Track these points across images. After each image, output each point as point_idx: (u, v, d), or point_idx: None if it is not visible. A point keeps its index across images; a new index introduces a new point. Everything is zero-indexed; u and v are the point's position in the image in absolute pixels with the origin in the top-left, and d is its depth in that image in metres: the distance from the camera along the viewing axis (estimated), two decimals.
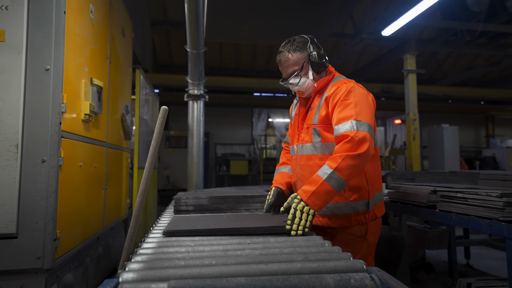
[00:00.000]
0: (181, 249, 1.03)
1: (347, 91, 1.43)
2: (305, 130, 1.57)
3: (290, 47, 1.54)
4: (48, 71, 1.66)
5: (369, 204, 1.46)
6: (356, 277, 0.76)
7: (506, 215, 1.23)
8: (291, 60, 1.54)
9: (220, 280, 0.74)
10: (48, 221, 1.61)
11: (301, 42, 1.55)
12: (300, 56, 1.54)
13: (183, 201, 1.72)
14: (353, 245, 1.44)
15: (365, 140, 1.29)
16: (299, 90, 1.58)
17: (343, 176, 1.26)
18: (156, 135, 0.97)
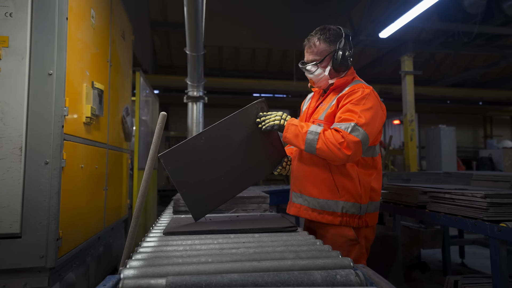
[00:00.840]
0: (179, 247, 1.08)
1: (361, 96, 1.45)
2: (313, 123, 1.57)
3: (320, 36, 1.54)
4: (51, 76, 1.71)
5: (361, 208, 1.49)
6: (342, 273, 0.81)
7: (490, 215, 1.28)
8: (316, 49, 1.55)
9: (214, 276, 0.79)
10: (51, 221, 1.66)
11: (334, 35, 1.54)
12: (326, 48, 1.54)
13: (182, 202, 1.78)
14: (346, 248, 1.48)
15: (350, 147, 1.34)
16: (312, 78, 1.61)
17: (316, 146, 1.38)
18: (155, 139, 1.02)
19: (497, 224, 1.24)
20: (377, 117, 1.44)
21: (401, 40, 6.93)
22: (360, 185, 1.48)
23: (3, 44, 1.66)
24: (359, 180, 1.48)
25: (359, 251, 1.50)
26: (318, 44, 1.53)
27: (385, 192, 2.07)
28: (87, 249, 2.24)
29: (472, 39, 6.32)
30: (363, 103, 1.43)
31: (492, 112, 12.21)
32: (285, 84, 8.73)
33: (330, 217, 1.50)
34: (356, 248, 1.49)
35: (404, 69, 6.33)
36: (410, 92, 6.16)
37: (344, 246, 1.47)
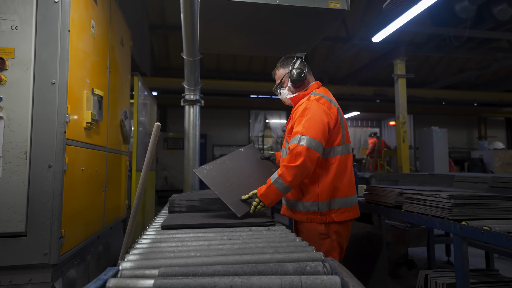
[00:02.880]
0: (171, 244, 1.20)
1: (304, 108, 1.69)
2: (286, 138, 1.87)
3: (278, 63, 1.96)
4: (53, 85, 1.83)
5: (319, 206, 1.65)
6: (312, 264, 0.94)
7: (454, 215, 1.40)
8: (277, 74, 1.96)
9: (201, 268, 0.92)
10: (54, 221, 1.78)
11: (288, 59, 1.93)
12: (282, 71, 1.92)
13: (176, 203, 1.90)
14: (318, 241, 1.66)
15: (300, 154, 1.56)
16: (281, 98, 1.96)
17: (285, 182, 1.58)
18: (150, 147, 1.14)
19: (459, 222, 1.36)
20: (318, 121, 1.63)
21: (395, 43, 7.06)
22: (318, 185, 1.66)
23: (9, 55, 1.78)
24: (318, 180, 1.67)
25: (330, 245, 1.66)
26: (277, 70, 1.94)
27: (367, 193, 2.20)
28: (87, 248, 2.35)
29: (463, 43, 6.46)
30: (305, 114, 1.66)
31: (486, 113, 12.37)
32: None
33: (299, 216, 1.73)
34: (326, 241, 1.66)
35: (396, 72, 6.46)
36: (403, 94, 6.30)
37: (316, 239, 1.65)
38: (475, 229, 1.27)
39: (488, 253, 2.85)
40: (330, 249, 1.65)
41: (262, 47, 2.60)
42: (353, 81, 9.52)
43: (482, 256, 3.73)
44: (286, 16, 2.00)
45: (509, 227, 1.22)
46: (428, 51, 7.39)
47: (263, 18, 2.03)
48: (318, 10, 1.91)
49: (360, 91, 9.16)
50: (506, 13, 6.01)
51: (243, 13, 1.95)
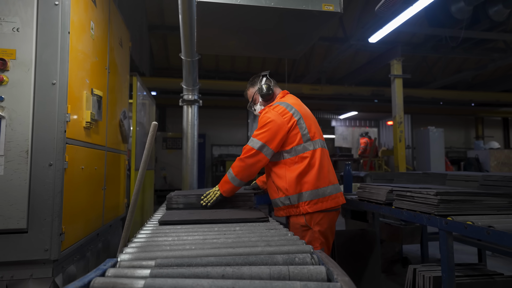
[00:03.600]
0: (168, 238, 1.25)
1: (261, 117, 1.95)
2: None
3: (248, 84, 2.21)
4: (54, 85, 1.88)
5: (290, 199, 1.86)
6: (300, 256, 0.99)
7: (440, 211, 1.46)
8: (248, 94, 2.21)
9: (195, 259, 0.97)
10: (54, 218, 1.83)
11: (255, 79, 2.18)
12: (252, 90, 2.18)
13: (174, 200, 1.95)
14: (300, 233, 1.85)
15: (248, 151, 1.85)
16: (256, 114, 2.18)
17: (234, 172, 1.87)
18: (148, 146, 1.19)
19: (445, 218, 1.41)
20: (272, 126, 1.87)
21: (392, 44, 7.12)
22: (285, 181, 1.86)
23: (11, 57, 1.83)
24: (284, 177, 1.87)
25: (312, 236, 1.82)
26: (248, 90, 2.20)
27: (360, 191, 2.25)
28: (87, 245, 2.40)
29: (459, 44, 6.52)
30: (262, 121, 1.91)
31: (483, 113, 12.44)
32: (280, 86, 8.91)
33: (280, 212, 1.92)
34: (308, 233, 1.83)
35: (393, 73, 6.52)
36: (399, 95, 6.35)
37: (299, 232, 1.85)
38: (459, 223, 1.32)
39: (480, 250, 2.91)
40: (312, 240, 1.81)
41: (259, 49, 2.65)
42: (350, 81, 9.58)
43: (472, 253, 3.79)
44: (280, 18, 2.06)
45: (491, 222, 1.27)
46: (425, 51, 7.45)
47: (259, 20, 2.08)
48: (312, 13, 1.96)
49: (357, 91, 9.22)
50: (501, 14, 6.07)
51: (239, 16, 2.01)
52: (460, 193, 1.50)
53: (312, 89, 8.67)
